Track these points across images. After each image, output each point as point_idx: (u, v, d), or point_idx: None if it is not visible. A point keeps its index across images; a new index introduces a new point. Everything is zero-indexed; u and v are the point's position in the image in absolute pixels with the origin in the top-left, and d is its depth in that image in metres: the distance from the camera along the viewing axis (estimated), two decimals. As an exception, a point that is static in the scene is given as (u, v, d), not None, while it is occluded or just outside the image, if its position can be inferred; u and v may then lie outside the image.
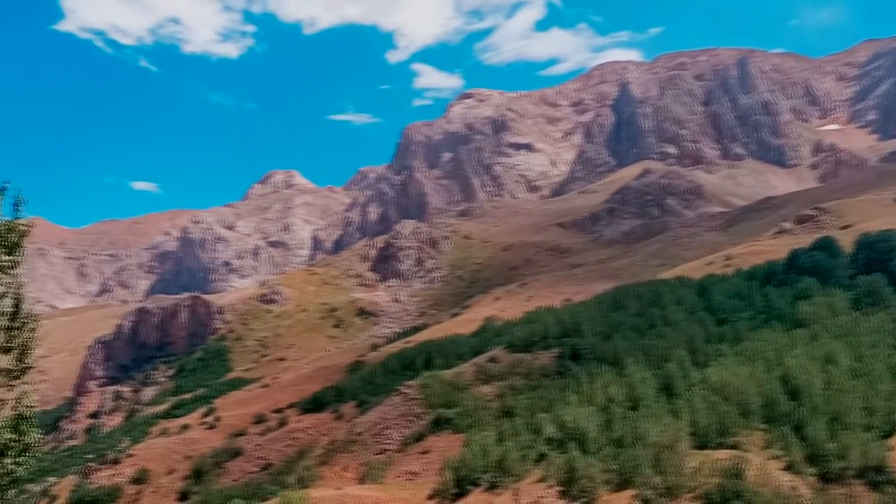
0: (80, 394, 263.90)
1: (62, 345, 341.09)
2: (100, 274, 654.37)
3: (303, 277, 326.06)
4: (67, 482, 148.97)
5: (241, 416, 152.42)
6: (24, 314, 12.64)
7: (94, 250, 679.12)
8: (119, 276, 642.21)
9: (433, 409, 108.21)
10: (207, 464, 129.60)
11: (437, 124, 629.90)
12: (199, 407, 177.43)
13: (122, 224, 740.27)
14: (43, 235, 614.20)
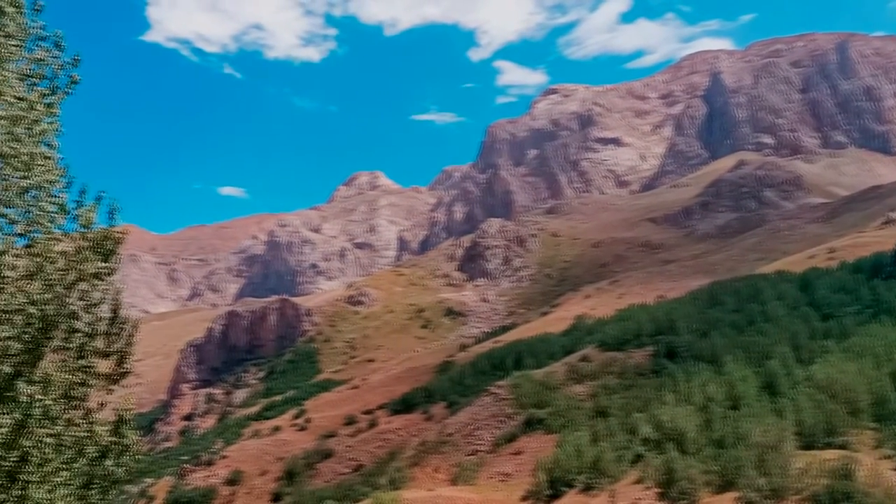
0: (173, 396, 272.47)
1: (156, 349, 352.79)
2: (190, 278, 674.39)
3: (389, 278, 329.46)
4: (164, 483, 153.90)
5: (331, 418, 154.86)
6: (121, 320, 13.16)
7: (184, 255, 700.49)
8: (209, 280, 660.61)
9: (524, 409, 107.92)
10: (299, 465, 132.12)
11: (521, 121, 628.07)
12: (289, 409, 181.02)
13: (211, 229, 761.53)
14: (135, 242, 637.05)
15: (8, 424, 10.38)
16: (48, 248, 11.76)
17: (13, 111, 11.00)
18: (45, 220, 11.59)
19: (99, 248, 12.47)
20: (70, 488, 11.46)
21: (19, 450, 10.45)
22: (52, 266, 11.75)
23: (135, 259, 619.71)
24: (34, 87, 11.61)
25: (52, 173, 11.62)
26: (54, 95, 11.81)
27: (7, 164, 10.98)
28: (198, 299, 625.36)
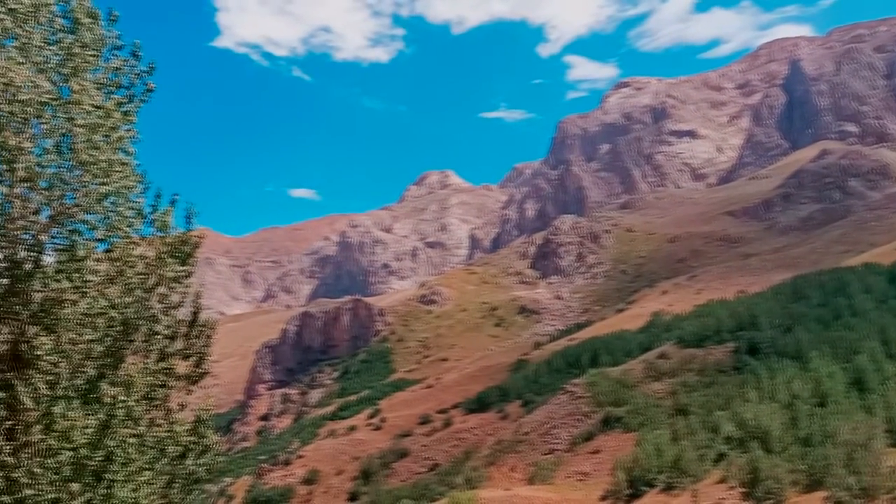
0: (250, 397, 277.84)
1: (232, 350, 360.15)
2: (264, 280, 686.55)
3: (462, 277, 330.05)
4: (242, 482, 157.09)
5: (406, 417, 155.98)
6: (200, 322, 13.48)
7: (258, 257, 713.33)
8: (282, 281, 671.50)
9: (602, 407, 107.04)
10: (375, 464, 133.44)
11: (593, 116, 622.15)
12: (364, 408, 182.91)
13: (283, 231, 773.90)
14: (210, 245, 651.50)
15: (93, 425, 10.75)
16: (127, 253, 12.13)
17: (91, 119, 11.36)
18: (123, 225, 11.94)
19: (177, 251, 12.81)
20: (153, 487, 11.81)
21: (104, 449, 10.80)
22: (132, 270, 12.11)
23: (210, 262, 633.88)
24: (111, 96, 11.98)
25: (130, 179, 11.97)
26: (131, 103, 12.16)
27: (86, 171, 11.34)
28: (272, 301, 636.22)
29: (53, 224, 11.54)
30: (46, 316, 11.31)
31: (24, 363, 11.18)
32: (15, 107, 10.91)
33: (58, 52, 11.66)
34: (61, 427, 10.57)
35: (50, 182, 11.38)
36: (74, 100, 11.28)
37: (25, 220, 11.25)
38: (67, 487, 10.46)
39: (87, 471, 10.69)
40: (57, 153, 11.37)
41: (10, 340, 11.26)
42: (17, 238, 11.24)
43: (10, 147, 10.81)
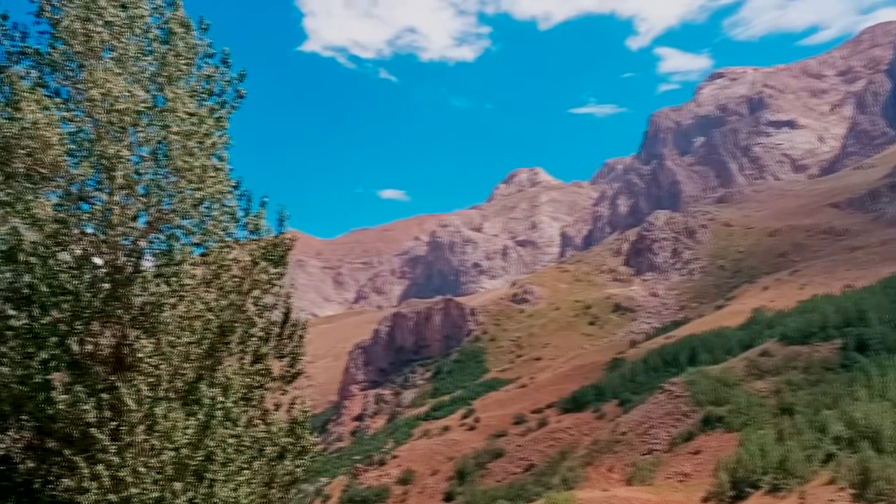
0: (344, 398, 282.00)
1: (325, 351, 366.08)
2: (355, 281, 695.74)
3: (554, 275, 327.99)
4: (338, 482, 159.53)
5: (500, 417, 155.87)
6: (292, 323, 13.72)
7: (349, 259, 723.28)
8: (373, 282, 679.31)
9: (702, 406, 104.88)
10: (470, 465, 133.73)
11: (686, 108, 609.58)
12: (457, 408, 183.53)
13: (373, 232, 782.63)
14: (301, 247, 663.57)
15: (193, 425, 11.07)
16: (222, 257, 12.45)
17: (186, 127, 11.71)
18: (218, 230, 12.28)
19: (270, 254, 13.10)
20: (252, 487, 12.09)
21: (204, 449, 11.11)
22: (227, 273, 12.43)
23: (301, 264, 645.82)
24: (204, 103, 12.32)
25: (224, 184, 12.30)
26: (223, 109, 12.49)
27: (182, 177, 11.70)
28: (363, 302, 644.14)
29: (151, 229, 11.94)
30: (146, 319, 11.70)
31: (126, 366, 11.60)
32: (113, 116, 11.33)
33: (153, 62, 12.05)
34: (163, 427, 10.91)
35: (147, 189, 11.77)
36: (169, 108, 11.64)
37: (125, 226, 11.66)
38: (170, 486, 10.79)
39: (189, 470, 11.02)
40: (153, 160, 11.75)
41: (112, 344, 11.70)
42: (118, 244, 11.67)
43: (109, 155, 11.22)
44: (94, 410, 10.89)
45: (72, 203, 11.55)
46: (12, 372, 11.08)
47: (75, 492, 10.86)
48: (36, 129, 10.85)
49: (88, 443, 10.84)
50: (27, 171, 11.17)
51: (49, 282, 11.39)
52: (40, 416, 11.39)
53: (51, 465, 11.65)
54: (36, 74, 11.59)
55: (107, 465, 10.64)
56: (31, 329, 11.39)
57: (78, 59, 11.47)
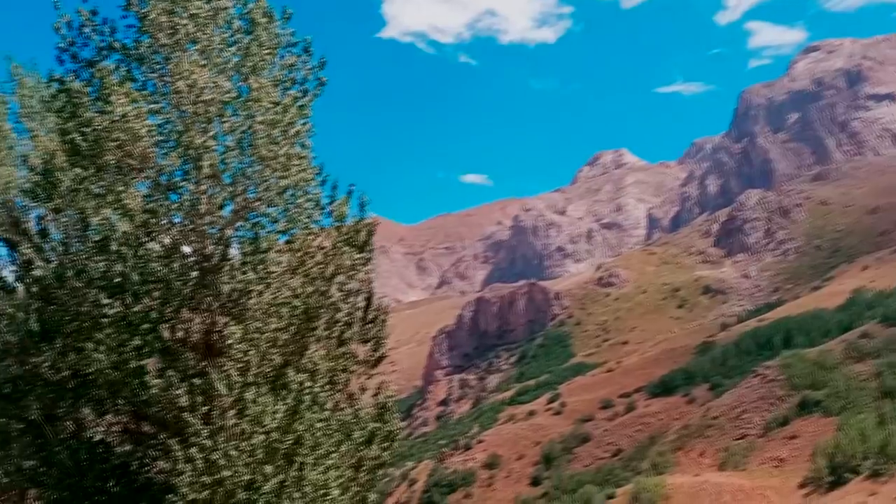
0: (428, 383, 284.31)
1: (408, 336, 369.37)
2: (438, 267, 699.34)
3: (640, 258, 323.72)
4: (424, 466, 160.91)
5: (586, 402, 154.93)
6: (375, 308, 13.90)
7: (432, 244, 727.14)
8: (456, 267, 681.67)
9: (797, 390, 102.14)
10: (556, 449, 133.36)
11: (778, 84, 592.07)
12: (543, 393, 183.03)
13: (455, 217, 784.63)
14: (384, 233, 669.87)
15: (282, 410, 11.35)
16: (307, 244, 12.70)
17: (270, 116, 11.96)
18: (303, 217, 12.52)
19: (353, 240, 13.30)
20: (341, 470, 12.35)
21: (294, 433, 11.40)
22: (312, 260, 12.68)
23: (384, 250, 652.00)
24: (287, 92, 12.55)
25: (307, 172, 12.53)
26: (305, 98, 12.70)
27: (267, 166, 11.96)
28: (446, 287, 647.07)
29: (238, 218, 12.25)
30: (234, 306, 12.04)
31: (215, 352, 11.95)
32: (199, 107, 11.65)
33: (236, 53, 12.33)
34: (253, 412, 11.22)
35: (233, 178, 12.08)
36: (253, 98, 11.90)
37: (212, 215, 12.00)
38: (261, 469, 11.10)
39: (279, 454, 11.31)
40: (239, 150, 12.04)
41: (202, 330, 12.07)
42: (205, 233, 12.01)
43: (195, 146, 11.55)
44: (187, 395, 11.27)
45: (161, 193, 11.93)
46: (108, 358, 11.54)
47: (170, 474, 11.26)
48: (125, 122, 11.22)
49: (182, 427, 11.22)
50: (118, 163, 11.57)
51: (140, 271, 11.80)
52: (135, 400, 11.86)
53: (146, 449, 12.12)
54: (124, 68, 11.97)
55: (200, 448, 10.99)
56: (125, 317, 11.84)
57: (164, 52, 11.80)
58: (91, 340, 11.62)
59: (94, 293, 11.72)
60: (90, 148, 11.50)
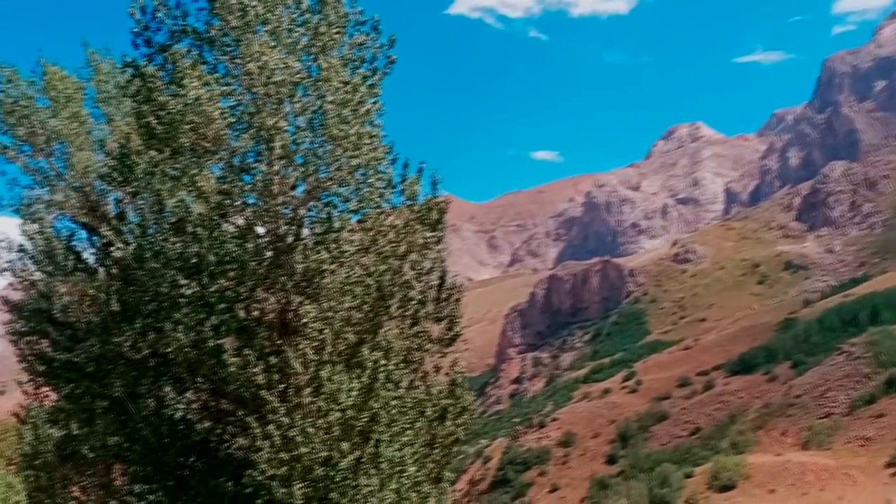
0: (501, 361, 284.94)
1: (480, 314, 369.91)
2: (509, 244, 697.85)
3: (718, 233, 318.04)
4: (498, 444, 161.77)
5: (662, 380, 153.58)
6: (449, 287, 13.93)
7: (503, 222, 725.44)
8: (528, 245, 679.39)
9: (885, 368, 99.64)
10: (633, 428, 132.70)
11: (864, 51, 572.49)
12: (618, 371, 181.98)
13: (526, 194, 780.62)
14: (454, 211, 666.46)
15: (357, 388, 11.52)
16: (379, 222, 12.81)
17: (340, 95, 12.05)
18: (374, 196, 12.61)
19: (425, 218, 13.37)
20: (415, 447, 12.49)
21: (369, 411, 11.57)
22: (384, 239, 12.79)
23: (455, 228, 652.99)
24: (357, 71, 12.62)
25: (378, 151, 12.59)
26: (375, 76, 12.74)
27: (338, 145, 12.06)
28: (518, 265, 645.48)
29: (310, 198, 12.41)
30: (308, 286, 12.23)
31: (291, 330, 12.17)
32: (270, 88, 11.81)
33: (306, 33, 12.43)
34: (328, 390, 11.41)
35: (305, 158, 12.23)
36: (323, 77, 12.00)
37: (284, 195, 12.18)
38: (338, 446, 11.30)
39: (355, 431, 11.50)
40: (310, 130, 12.17)
41: (277, 309, 12.30)
42: (278, 213, 12.21)
43: (267, 127, 11.72)
44: (263, 373, 11.52)
45: (234, 175, 12.15)
46: (186, 337, 11.86)
47: (249, 450, 11.56)
48: (198, 105, 11.44)
49: (259, 404, 11.49)
50: (192, 146, 11.81)
51: (216, 251, 12.07)
52: (214, 378, 12.16)
53: (225, 426, 12.44)
54: (196, 52, 12.19)
55: (277, 425, 11.25)
56: (202, 297, 12.13)
57: (234, 35, 11.96)
58: (169, 320, 11.95)
59: (171, 274, 12.03)
60: (165, 131, 11.76)
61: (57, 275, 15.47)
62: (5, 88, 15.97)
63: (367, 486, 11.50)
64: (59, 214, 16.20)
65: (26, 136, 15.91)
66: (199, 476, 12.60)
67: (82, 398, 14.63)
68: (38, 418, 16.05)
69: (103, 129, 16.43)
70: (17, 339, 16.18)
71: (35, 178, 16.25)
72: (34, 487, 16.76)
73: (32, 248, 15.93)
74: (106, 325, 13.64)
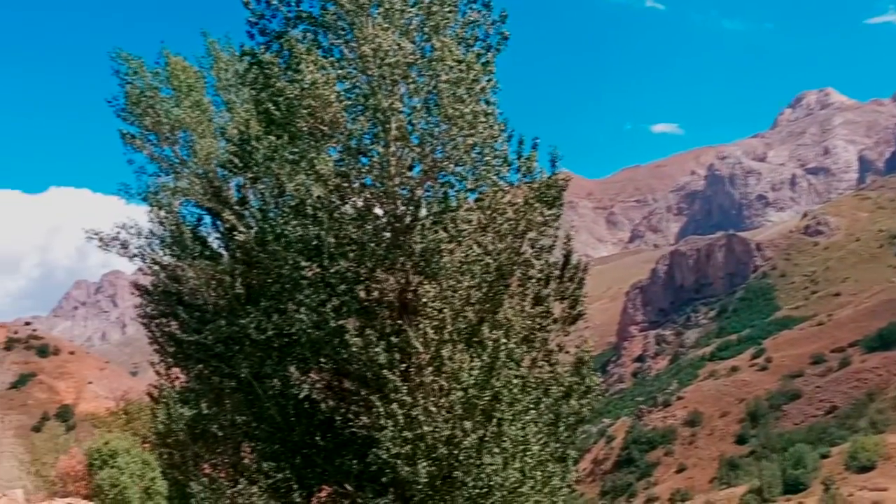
0: (623, 339, 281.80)
1: (601, 292, 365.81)
2: (629, 221, 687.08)
3: (851, 204, 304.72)
4: (622, 424, 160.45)
5: (794, 357, 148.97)
6: (573, 265, 13.75)
7: (621, 198, 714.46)
8: (648, 221, 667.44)
9: None
10: (763, 407, 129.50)
11: None
12: (746, 348, 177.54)
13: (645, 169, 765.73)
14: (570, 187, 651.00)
15: (478, 366, 11.53)
16: (496, 201, 12.75)
17: (454, 74, 12.01)
18: (491, 174, 12.56)
19: (544, 196, 13.23)
20: (539, 426, 12.44)
21: (491, 390, 11.57)
22: (502, 217, 12.72)
23: (572, 205, 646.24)
24: (470, 49, 12.55)
25: (494, 129, 12.50)
26: (488, 53, 12.65)
27: (453, 125, 12.03)
28: (638, 241, 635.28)
29: (427, 178, 12.45)
30: (427, 265, 12.29)
31: (411, 310, 12.28)
32: (384, 70, 11.87)
33: (418, 13, 12.44)
34: (450, 369, 11.47)
35: (421, 138, 12.27)
36: (437, 57, 11.97)
37: (401, 176, 12.27)
38: (461, 425, 11.36)
39: (477, 410, 11.52)
40: (425, 110, 12.20)
41: (396, 289, 12.43)
42: (396, 194, 12.31)
43: (383, 108, 11.80)
44: (385, 353, 11.66)
45: (351, 157, 12.31)
46: (309, 318, 12.13)
47: (372, 429, 11.74)
48: (315, 89, 11.61)
49: (381, 383, 11.65)
50: (309, 130, 12.01)
51: (335, 233, 12.27)
52: (337, 358, 12.40)
53: (349, 405, 12.67)
54: (311, 37, 12.37)
55: (400, 404, 11.38)
56: (323, 278, 12.37)
57: (348, 18, 12.09)
58: (292, 301, 12.25)
59: (292, 256, 12.31)
60: (283, 116, 12.01)
61: (185, 259, 16.05)
62: (132, 80, 16.58)
63: (491, 464, 11.52)
64: (184, 201, 16.76)
65: (152, 126, 16.50)
66: (324, 454, 12.90)
67: (211, 378, 15.18)
68: (169, 398, 16.71)
69: (224, 117, 16.88)
70: (148, 321, 16.90)
71: (161, 167, 16.87)
72: (168, 465, 17.52)
73: (161, 233, 16.56)
74: (232, 307, 14.08)
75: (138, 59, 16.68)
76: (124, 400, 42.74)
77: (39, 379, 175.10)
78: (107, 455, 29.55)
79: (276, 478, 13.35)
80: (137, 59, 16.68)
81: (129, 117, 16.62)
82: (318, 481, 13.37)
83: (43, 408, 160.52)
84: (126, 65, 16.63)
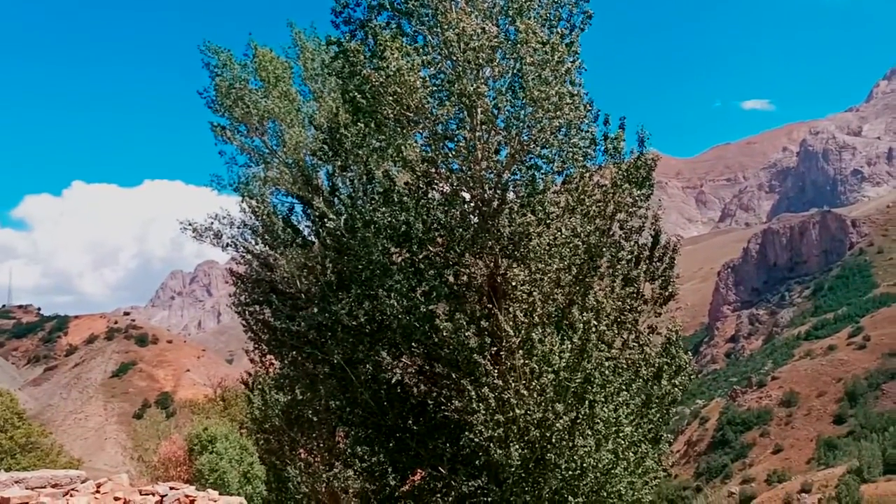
0: (715, 319, 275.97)
1: (691, 272, 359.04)
2: (719, 199, 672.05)
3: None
4: (715, 405, 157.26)
5: (893, 335, 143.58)
6: (661, 246, 13.38)
7: (711, 177, 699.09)
8: (739, 199, 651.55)
9: None
10: (862, 386, 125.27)
11: None
12: (843, 326, 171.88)
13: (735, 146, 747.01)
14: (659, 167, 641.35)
15: (569, 349, 11.33)
16: (584, 182, 12.49)
17: (539, 56, 11.76)
18: (578, 156, 12.30)
19: (632, 176, 12.93)
20: (631, 407, 12.19)
21: (582, 372, 11.36)
22: (590, 199, 12.46)
23: (661, 185, 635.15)
24: (553, 30, 12.27)
25: (580, 110, 12.23)
26: (572, 34, 12.35)
27: (539, 107, 11.80)
28: (729, 220, 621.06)
29: (513, 161, 12.27)
30: (516, 249, 12.13)
31: (500, 294, 12.14)
32: (469, 54, 11.71)
33: (501, -3, 12.22)
34: (540, 352, 11.30)
35: (506, 122, 12.08)
36: (521, 39, 11.74)
37: (488, 160, 12.11)
38: (553, 408, 11.19)
39: (569, 392, 11.33)
40: (511, 93, 12.00)
41: (485, 273, 12.30)
42: (483, 178, 12.16)
43: (468, 93, 11.64)
44: (475, 337, 11.56)
45: (437, 143, 12.20)
46: (399, 304, 12.11)
47: (464, 413, 11.67)
48: (400, 76, 11.53)
49: (472, 367, 11.55)
50: (396, 117, 11.94)
51: (423, 218, 12.20)
52: (427, 343, 12.36)
53: (441, 389, 12.62)
54: (395, 24, 12.30)
55: (491, 387, 11.27)
56: (412, 263, 12.32)
57: (432, 4, 11.96)
58: (383, 287, 12.24)
59: (381, 242, 12.30)
60: (369, 104, 11.97)
61: (276, 247, 16.22)
62: (221, 72, 16.80)
63: (584, 446, 11.35)
64: (274, 190, 16.95)
65: (241, 117, 16.70)
66: (417, 438, 12.90)
67: (304, 365, 15.34)
68: (264, 384, 16.95)
69: (311, 106, 16.98)
70: (243, 309, 17.14)
71: (251, 157, 17.10)
72: (265, 450, 17.81)
73: (252, 223, 16.78)
74: (324, 294, 14.17)
75: (227, 52, 16.91)
76: (221, 387, 43.70)
77: (139, 367, 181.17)
78: (206, 441, 30.31)
79: (371, 462, 13.43)
80: (226, 52, 16.90)
81: (219, 109, 16.87)
82: (411, 465, 13.40)
83: (143, 395, 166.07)
84: (215, 57, 16.88)
